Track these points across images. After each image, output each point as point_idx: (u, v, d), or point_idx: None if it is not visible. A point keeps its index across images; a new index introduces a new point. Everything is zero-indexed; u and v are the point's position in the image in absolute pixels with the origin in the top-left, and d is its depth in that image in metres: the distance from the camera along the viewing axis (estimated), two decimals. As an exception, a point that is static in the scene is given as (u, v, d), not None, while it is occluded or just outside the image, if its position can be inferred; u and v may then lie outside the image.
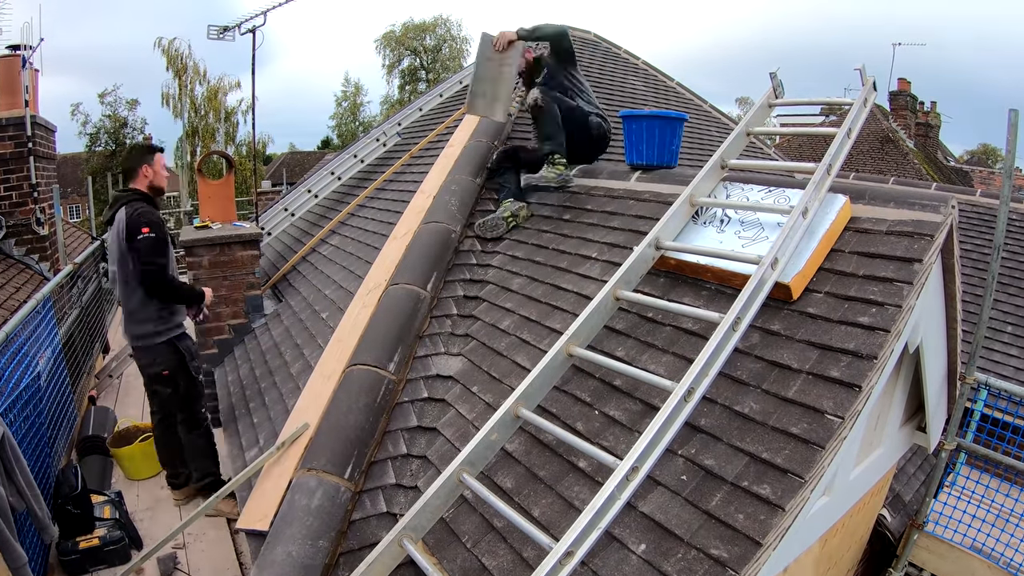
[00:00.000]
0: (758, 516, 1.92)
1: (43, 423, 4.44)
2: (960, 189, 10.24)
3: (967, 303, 3.53)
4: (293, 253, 6.07)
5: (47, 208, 7.23)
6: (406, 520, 2.31)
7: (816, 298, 2.47)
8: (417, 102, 7.60)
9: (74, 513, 4.01)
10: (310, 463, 2.76)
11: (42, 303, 4.87)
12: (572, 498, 2.31)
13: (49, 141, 7.56)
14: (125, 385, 6.87)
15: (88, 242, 9.98)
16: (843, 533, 3.42)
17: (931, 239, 2.40)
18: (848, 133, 2.94)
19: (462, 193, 4.38)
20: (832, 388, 2.14)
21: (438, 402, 3.19)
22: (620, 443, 2.39)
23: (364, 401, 3.01)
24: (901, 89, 21.15)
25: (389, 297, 3.59)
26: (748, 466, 2.07)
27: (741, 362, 2.40)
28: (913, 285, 2.29)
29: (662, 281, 2.99)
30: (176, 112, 29.32)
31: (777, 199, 2.88)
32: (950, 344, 3.24)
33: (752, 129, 3.36)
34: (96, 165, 29.07)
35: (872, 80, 3.14)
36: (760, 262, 2.41)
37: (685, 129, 7.62)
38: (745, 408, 2.24)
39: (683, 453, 2.23)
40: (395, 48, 37.37)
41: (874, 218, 2.63)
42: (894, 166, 18.44)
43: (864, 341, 2.20)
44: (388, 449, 2.95)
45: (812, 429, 2.05)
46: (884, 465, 3.60)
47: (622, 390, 2.61)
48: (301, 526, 2.51)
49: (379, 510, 2.71)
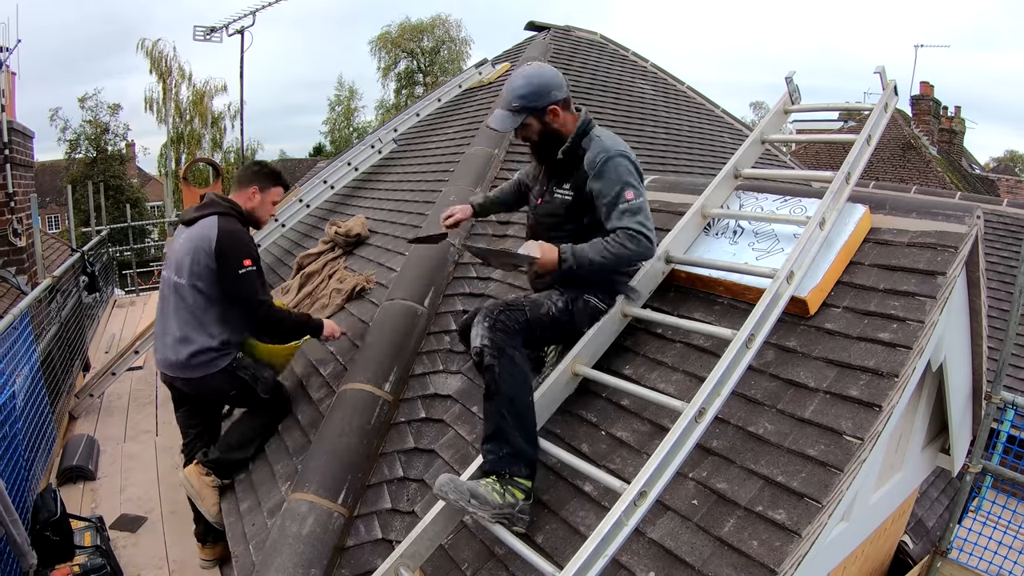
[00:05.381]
0: (773, 543, 1.92)
1: (20, 445, 4.43)
2: (986, 198, 10.25)
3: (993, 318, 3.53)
4: (282, 265, 6.08)
5: (24, 218, 7.24)
6: (403, 548, 2.32)
7: (834, 313, 2.48)
8: (414, 107, 7.62)
9: (53, 539, 3.99)
10: (301, 487, 2.77)
11: (19, 318, 4.87)
12: (577, 524, 2.32)
13: (26, 148, 7.57)
14: (107, 404, 6.86)
15: (68, 254, 10.00)
16: (863, 560, 3.41)
17: (955, 251, 2.41)
18: (868, 140, 2.95)
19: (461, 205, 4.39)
20: (851, 408, 2.14)
21: (436, 423, 3.20)
22: (628, 466, 2.40)
23: (358, 422, 3.02)
24: (924, 93, 21.18)
25: (384, 313, 3.61)
26: (763, 490, 2.08)
27: (755, 381, 2.41)
28: (936, 299, 2.30)
29: (672, 296, 3.01)
30: (160, 117, 29.51)
31: (793, 209, 2.89)
32: (975, 361, 3.25)
33: (767, 136, 3.39)
34: (76, 173, 29.20)
35: (893, 83, 3.15)
36: (775, 276, 2.42)
37: (697, 135, 7.74)
38: (759, 429, 2.25)
39: (694, 476, 2.24)
40: (391, 50, 37.42)
41: (895, 229, 2.64)
42: (916, 174, 18.49)
43: (885, 358, 2.21)
44: (383, 472, 2.96)
45: (830, 451, 2.06)
46: (906, 489, 3.60)
47: (630, 410, 2.62)
48: (292, 553, 2.51)
49: (374, 536, 2.71)
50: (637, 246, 2.61)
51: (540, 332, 2.68)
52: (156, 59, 28.63)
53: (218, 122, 30.87)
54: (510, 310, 2.58)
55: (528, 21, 8.19)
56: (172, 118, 29.60)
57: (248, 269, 3.40)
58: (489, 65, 7.82)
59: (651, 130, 7.06)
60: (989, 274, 5.95)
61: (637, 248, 2.62)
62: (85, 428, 6.29)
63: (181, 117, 29.93)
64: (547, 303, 2.70)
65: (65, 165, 31.42)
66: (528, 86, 2.70)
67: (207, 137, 30.70)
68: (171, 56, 28.82)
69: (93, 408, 6.81)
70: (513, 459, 2.38)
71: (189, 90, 29.80)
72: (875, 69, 3.15)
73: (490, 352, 2.45)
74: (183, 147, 29.92)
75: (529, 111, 2.73)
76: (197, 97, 29.96)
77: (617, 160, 2.68)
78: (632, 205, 2.63)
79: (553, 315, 2.70)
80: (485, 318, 2.53)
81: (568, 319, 2.75)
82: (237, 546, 2.98)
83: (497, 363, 2.43)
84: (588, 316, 2.80)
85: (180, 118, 29.93)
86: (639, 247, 2.62)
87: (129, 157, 33.61)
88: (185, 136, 29.88)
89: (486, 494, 2.30)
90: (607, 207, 2.67)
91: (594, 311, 2.81)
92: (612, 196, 2.65)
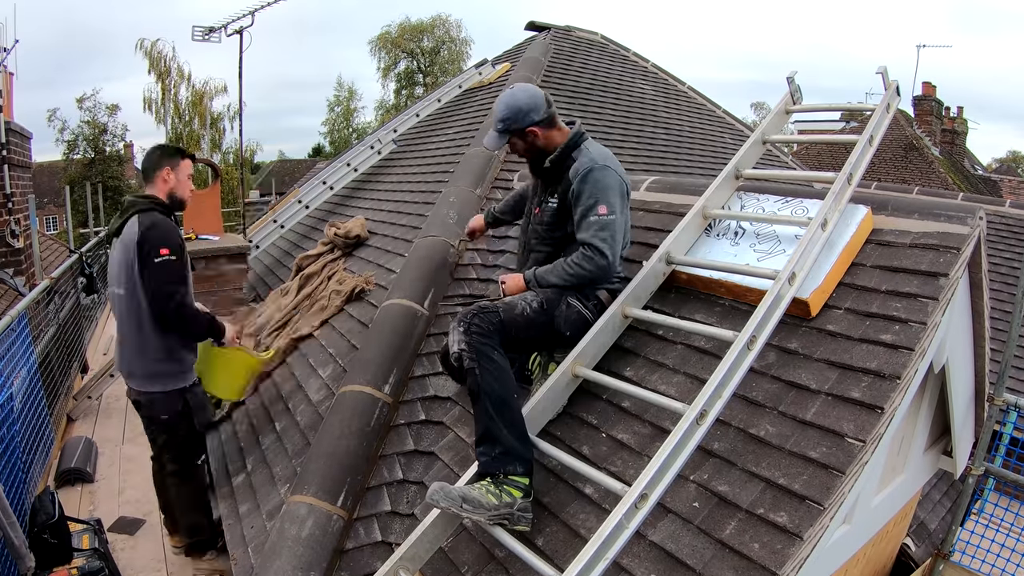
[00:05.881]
0: (774, 545, 1.92)
1: (18, 447, 4.43)
2: (988, 199, 10.25)
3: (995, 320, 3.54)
4: (281, 267, 6.09)
5: (22, 219, 7.25)
6: (402, 550, 2.32)
7: (836, 315, 2.48)
8: (414, 107, 7.65)
9: (51, 542, 3.99)
10: (300, 489, 2.77)
11: (17, 320, 4.88)
12: (578, 526, 2.32)
13: (24, 149, 7.59)
14: (105, 406, 6.85)
15: (66, 255, 10.01)
16: (864, 563, 3.41)
17: (957, 252, 2.41)
18: (870, 140, 2.96)
19: (461, 206, 4.42)
20: (853, 410, 2.15)
21: (436, 425, 3.20)
22: (629, 468, 2.40)
23: (357, 424, 3.03)
24: (926, 93, 21.18)
25: (384, 314, 3.61)
26: (764, 492, 2.08)
27: (756, 382, 2.41)
28: (939, 301, 2.30)
29: (673, 297, 3.01)
30: (158, 118, 29.46)
31: (795, 210, 2.89)
32: (978, 363, 3.25)
33: (769, 137, 3.39)
34: (74, 174, 29.09)
35: (895, 84, 3.16)
36: (777, 277, 2.43)
37: (698, 135, 7.74)
38: (761, 431, 2.25)
39: (695, 479, 2.24)
40: (391, 50, 37.36)
41: (897, 230, 2.64)
42: (918, 175, 18.48)
43: (887, 360, 2.22)
44: (383, 475, 2.96)
45: (832, 453, 2.06)
46: (908, 491, 3.60)
47: (631, 412, 2.62)
48: (291, 556, 2.51)
49: (373, 539, 2.72)
50: (594, 267, 2.75)
51: (515, 332, 2.70)
52: (155, 59, 28.57)
53: (217, 123, 30.83)
54: (483, 313, 2.62)
55: (528, 21, 8.19)
56: (171, 119, 29.56)
57: (165, 258, 3.30)
58: (489, 65, 7.84)
59: (651, 130, 7.06)
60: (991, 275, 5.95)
61: (594, 269, 2.75)
62: (83, 430, 6.29)
63: (180, 118, 29.88)
64: (521, 303, 2.75)
65: (63, 166, 31.32)
66: (507, 110, 2.88)
67: (206, 138, 30.62)
68: (170, 56, 28.79)
69: (91, 410, 6.81)
70: (506, 457, 2.39)
71: (188, 91, 29.79)
72: (877, 69, 3.15)
73: (468, 355, 2.49)
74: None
75: (511, 132, 2.91)
76: (196, 98, 29.90)
77: (600, 172, 2.79)
78: (602, 220, 2.74)
79: (528, 315, 2.74)
80: (459, 323, 2.58)
81: (546, 320, 2.79)
82: (236, 549, 2.98)
83: (477, 365, 2.47)
84: (572, 320, 2.83)
85: (179, 119, 29.89)
86: (596, 268, 2.75)
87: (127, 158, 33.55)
88: (184, 137, 29.82)
89: (479, 497, 2.30)
90: (580, 216, 2.80)
91: (579, 316, 2.85)
92: (585, 207, 2.77)
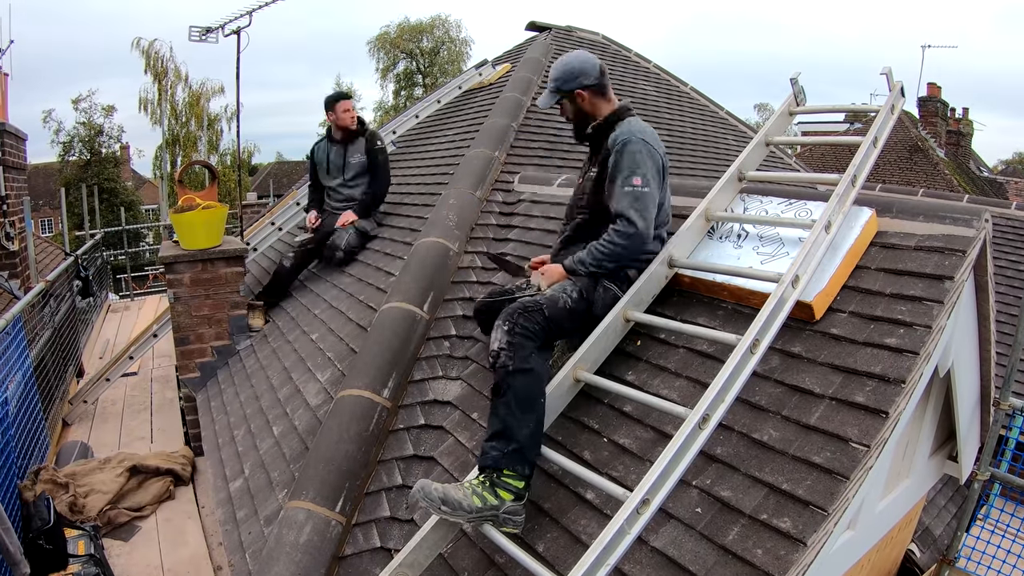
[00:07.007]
0: (778, 551, 1.92)
1: (12, 452, 4.44)
2: (994, 201, 10.27)
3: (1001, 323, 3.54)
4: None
5: (17, 222, 7.26)
6: (401, 556, 2.31)
7: (840, 318, 2.48)
8: (413, 108, 7.64)
9: (46, 548, 4.00)
10: (298, 495, 2.77)
11: (12, 323, 4.89)
12: (579, 532, 2.32)
13: (19, 150, 7.60)
14: (101, 411, 6.85)
15: (61, 258, 10.01)
16: (869, 569, 3.41)
17: (963, 255, 2.41)
18: (874, 142, 2.96)
19: (461, 208, 4.42)
20: (857, 414, 2.14)
21: (436, 429, 3.20)
22: (630, 473, 2.40)
23: (356, 429, 3.02)
24: (931, 95, 21.22)
25: (383, 317, 3.61)
26: (767, 498, 2.08)
27: (760, 387, 2.41)
28: (944, 304, 2.30)
29: (675, 300, 3.01)
30: (155, 119, 29.44)
31: (798, 212, 2.89)
32: (983, 367, 3.25)
33: (772, 139, 3.40)
34: (69, 175, 29.10)
35: (900, 85, 3.16)
36: (780, 280, 2.42)
37: (700, 137, 7.74)
38: (764, 436, 2.25)
39: (697, 484, 2.24)
40: (390, 51, 37.37)
41: (902, 232, 2.64)
42: (923, 177, 18.52)
43: (891, 364, 2.21)
44: (382, 480, 2.96)
45: (836, 458, 2.05)
46: (913, 497, 3.60)
47: (632, 417, 2.62)
48: (288, 562, 2.51)
49: (372, 545, 2.71)
50: (627, 241, 2.76)
51: (559, 326, 2.75)
52: (152, 59, 28.57)
53: (214, 124, 30.85)
54: (528, 312, 2.65)
55: (529, 21, 8.19)
56: (168, 120, 29.53)
57: None
58: (489, 66, 7.83)
59: (653, 132, 7.04)
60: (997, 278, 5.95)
61: (628, 243, 2.76)
62: (79, 435, 6.29)
63: (177, 119, 29.88)
64: (563, 296, 2.79)
65: (58, 168, 31.33)
66: (559, 70, 3.00)
67: (203, 139, 30.66)
68: (167, 56, 28.79)
69: (87, 414, 6.81)
70: (517, 456, 2.39)
71: (185, 91, 29.78)
72: (881, 70, 3.16)
73: (507, 354, 2.52)
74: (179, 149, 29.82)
75: (560, 92, 3.01)
76: (193, 99, 29.92)
77: (638, 145, 2.81)
78: (636, 191, 2.76)
79: (570, 307, 2.78)
80: (504, 322, 2.61)
81: (585, 307, 2.84)
82: (233, 555, 2.98)
83: (512, 363, 2.50)
84: (608, 303, 2.88)
85: (176, 120, 29.89)
86: (629, 241, 2.75)
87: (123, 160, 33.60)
88: (181, 138, 29.83)
89: (460, 499, 2.29)
90: (615, 187, 2.81)
91: (615, 298, 2.89)
92: (622, 177, 2.79)
